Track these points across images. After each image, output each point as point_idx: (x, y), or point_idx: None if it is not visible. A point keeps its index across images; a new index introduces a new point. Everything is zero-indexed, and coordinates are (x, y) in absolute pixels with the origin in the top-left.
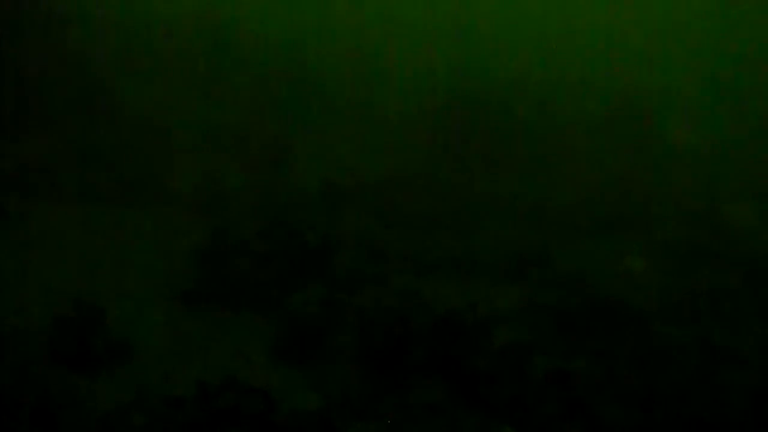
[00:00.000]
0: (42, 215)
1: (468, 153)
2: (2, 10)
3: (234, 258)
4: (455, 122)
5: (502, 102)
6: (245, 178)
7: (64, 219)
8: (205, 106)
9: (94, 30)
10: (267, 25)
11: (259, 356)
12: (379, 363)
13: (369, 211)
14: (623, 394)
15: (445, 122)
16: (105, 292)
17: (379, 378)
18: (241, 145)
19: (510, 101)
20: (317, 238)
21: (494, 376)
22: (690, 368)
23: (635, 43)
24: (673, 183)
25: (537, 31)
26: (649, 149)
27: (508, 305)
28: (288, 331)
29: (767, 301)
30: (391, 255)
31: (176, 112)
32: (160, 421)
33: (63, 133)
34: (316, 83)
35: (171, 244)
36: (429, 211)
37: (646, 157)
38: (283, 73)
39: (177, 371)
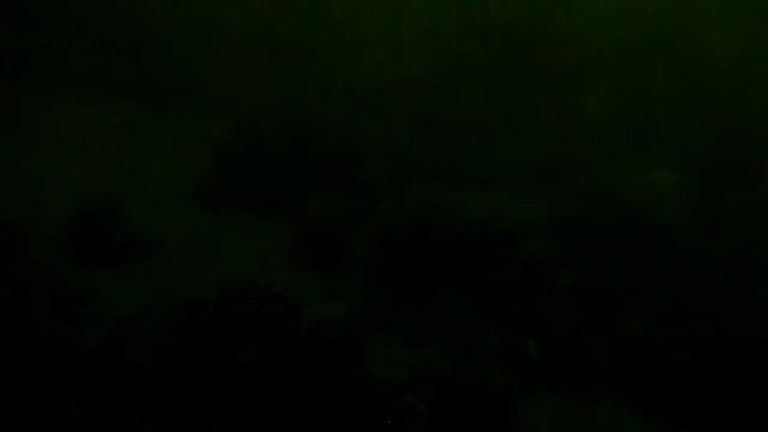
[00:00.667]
0: (61, 110)
1: (496, 61)
2: None
3: (254, 158)
4: (484, 29)
5: (533, 11)
6: (269, 77)
7: (83, 114)
8: (230, 3)
9: None
10: None
11: (279, 261)
12: (401, 272)
13: (393, 116)
14: (649, 310)
15: (474, 29)
16: (124, 189)
17: (400, 287)
18: (266, 44)
19: (541, 11)
20: (340, 141)
21: (518, 289)
22: (717, 284)
23: None
24: (704, 94)
25: None
26: (681, 59)
27: (533, 217)
28: (308, 237)
29: None
30: (414, 163)
31: (200, 8)
32: (180, 322)
33: (83, 27)
34: None
35: (191, 142)
36: (454, 119)
37: (677, 68)
38: None
39: (196, 272)
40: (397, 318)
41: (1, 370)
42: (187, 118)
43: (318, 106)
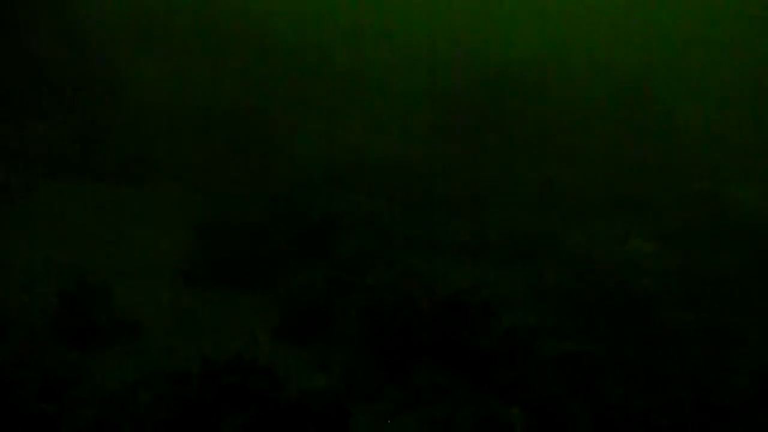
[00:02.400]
0: (45, 192)
1: (474, 134)
2: None
3: (237, 236)
4: (461, 103)
5: (509, 83)
6: (248, 156)
7: (67, 196)
8: (209, 84)
9: (96, 7)
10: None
11: (263, 335)
12: (385, 344)
13: (374, 191)
14: (630, 376)
15: (451, 102)
16: (108, 269)
17: (385, 359)
18: (245, 122)
19: (516, 82)
20: (321, 217)
21: (501, 357)
22: (696, 351)
23: (642, 22)
24: (679, 165)
25: (541, 10)
26: (656, 130)
27: (515, 287)
28: (292, 310)
29: None
30: (396, 235)
31: (179, 91)
32: (166, 398)
33: (65, 111)
34: (321, 60)
35: (174, 222)
36: (435, 192)
37: (653, 139)
38: (289, 50)
39: (182, 349)
40: (381, 389)
41: None
42: (170, 196)
43: (299, 183)
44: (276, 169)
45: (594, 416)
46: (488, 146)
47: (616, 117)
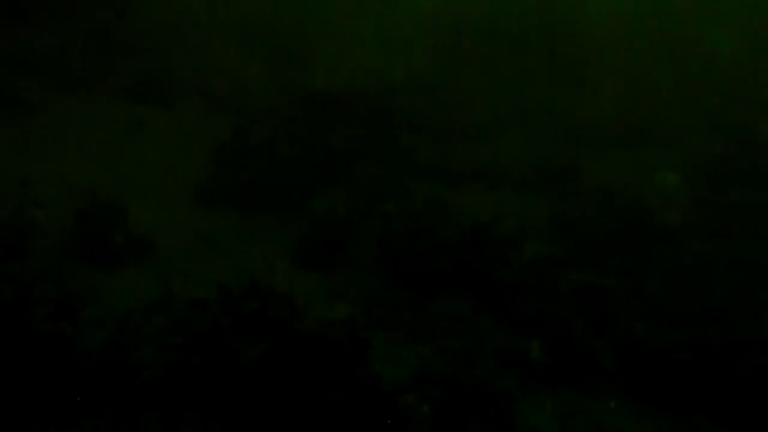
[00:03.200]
0: (61, 108)
1: (496, 61)
2: None
3: (255, 158)
4: (482, 29)
5: (535, 9)
6: (268, 77)
7: (83, 112)
8: (232, 2)
9: None
10: None
11: (281, 261)
12: (404, 272)
13: (394, 115)
14: (654, 311)
15: (475, 29)
16: (125, 189)
17: (404, 288)
18: (264, 42)
19: (543, 8)
20: (341, 141)
21: (522, 289)
22: (722, 285)
23: None
24: (706, 94)
25: None
26: (686, 58)
27: (535, 217)
28: (310, 236)
29: None
30: (416, 163)
31: (202, 7)
32: (182, 322)
33: (82, 23)
34: None
35: (191, 142)
36: (455, 119)
37: (681, 67)
38: None
39: (198, 272)
40: (399, 318)
41: (2, 371)
42: (187, 117)
43: (318, 105)
44: (296, 91)
45: (616, 351)
46: (510, 74)
47: (644, 46)
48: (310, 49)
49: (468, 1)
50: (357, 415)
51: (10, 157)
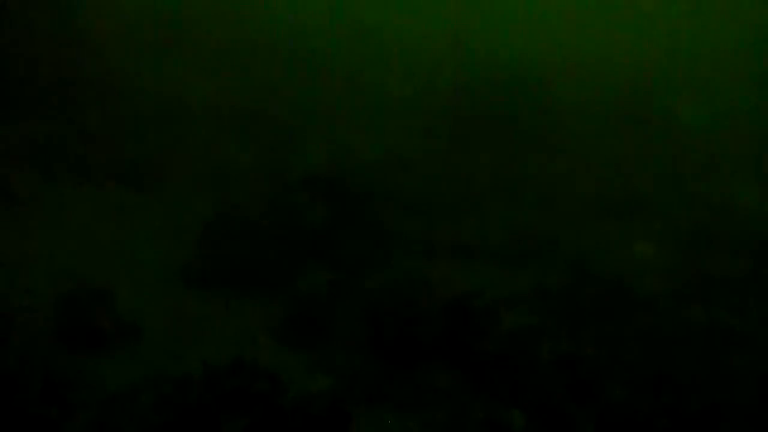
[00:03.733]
0: (47, 195)
1: (474, 135)
2: None
3: (238, 239)
4: (461, 104)
5: (506, 83)
6: (250, 158)
7: (69, 199)
8: (211, 86)
9: (101, 7)
10: (276, 3)
11: (266, 338)
12: (387, 347)
13: (375, 193)
14: (632, 378)
15: (451, 104)
16: (111, 272)
17: (387, 361)
18: (249, 125)
19: (514, 82)
20: (322, 219)
21: (502, 360)
22: (698, 352)
23: (640, 20)
24: (680, 165)
25: (540, 11)
26: (661, 130)
27: (515, 289)
28: (294, 313)
29: None
30: (396, 237)
31: (183, 92)
32: (168, 401)
33: (67, 112)
34: (321, 64)
35: (176, 225)
36: (434, 194)
37: (653, 139)
38: (290, 53)
39: (184, 352)
40: (382, 391)
41: None
42: (171, 199)
43: (300, 186)
44: (277, 170)
45: (596, 418)
46: (488, 146)
47: (618, 117)
48: (293, 132)
49: (443, 75)
50: None
51: None
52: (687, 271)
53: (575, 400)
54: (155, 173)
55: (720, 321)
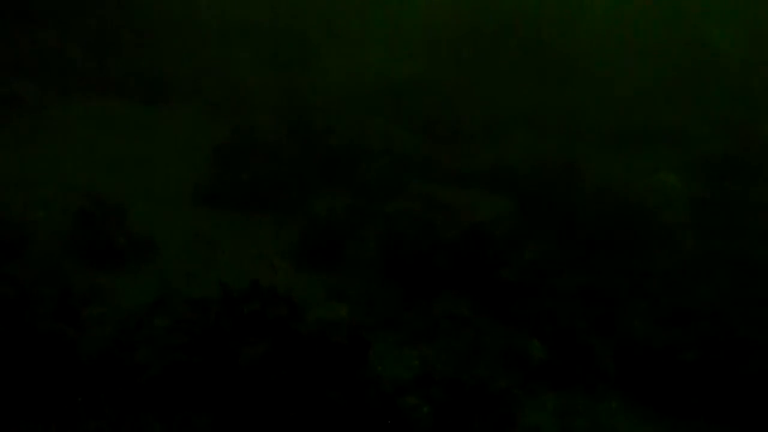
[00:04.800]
0: (60, 107)
1: (497, 63)
2: None
3: (255, 159)
4: (484, 32)
5: (533, 10)
6: (268, 76)
7: (83, 112)
8: (229, 2)
9: None
10: None
11: (282, 262)
12: (405, 273)
13: (394, 116)
14: (654, 310)
15: (474, 32)
16: (125, 189)
17: (405, 288)
18: (265, 42)
19: (540, 10)
20: (341, 140)
21: (522, 289)
22: (723, 283)
23: None
24: (708, 92)
25: None
26: (685, 57)
27: (537, 218)
28: (311, 237)
29: None
30: (417, 162)
31: (200, 6)
32: (184, 323)
33: (82, 23)
34: None
35: (191, 143)
36: (456, 119)
37: (680, 66)
38: None
39: (198, 273)
40: (400, 318)
41: (5, 370)
42: (188, 117)
43: (318, 105)
44: (298, 91)
45: (617, 350)
46: (512, 72)
47: (645, 44)
48: (311, 50)
49: (466, 5)
50: (357, 416)
51: (10, 157)
52: (710, 201)
53: (596, 332)
54: (172, 89)
55: (743, 251)
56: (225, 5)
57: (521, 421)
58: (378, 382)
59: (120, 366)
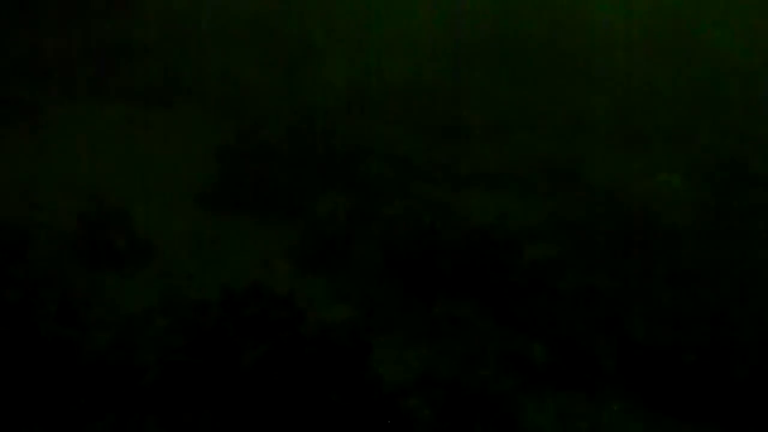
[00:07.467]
0: (63, 110)
1: (498, 62)
2: None
3: (258, 161)
4: (486, 31)
5: (534, 11)
6: (270, 78)
7: (86, 115)
8: (229, 3)
9: None
10: None
11: (284, 263)
12: (406, 275)
13: (396, 118)
14: (656, 312)
15: (476, 31)
16: (127, 191)
17: (405, 290)
18: (268, 45)
19: (541, 7)
20: (343, 142)
21: (523, 292)
22: (725, 287)
23: None
24: (712, 93)
25: None
26: (689, 59)
27: (537, 219)
28: (312, 239)
29: None
30: (419, 164)
31: (200, 8)
32: (185, 325)
33: (84, 26)
34: None
35: (194, 145)
36: (458, 120)
37: (683, 66)
38: None
39: (200, 275)
40: (401, 320)
41: (7, 373)
42: (191, 120)
43: (320, 107)
44: (300, 93)
45: (617, 353)
46: (513, 72)
47: (648, 43)
48: (314, 51)
49: (470, 9)
50: (358, 418)
51: (11, 159)
52: (713, 204)
53: (597, 334)
54: (175, 92)
55: (747, 254)
56: (228, 7)
57: (522, 423)
58: (379, 384)
59: (122, 368)
